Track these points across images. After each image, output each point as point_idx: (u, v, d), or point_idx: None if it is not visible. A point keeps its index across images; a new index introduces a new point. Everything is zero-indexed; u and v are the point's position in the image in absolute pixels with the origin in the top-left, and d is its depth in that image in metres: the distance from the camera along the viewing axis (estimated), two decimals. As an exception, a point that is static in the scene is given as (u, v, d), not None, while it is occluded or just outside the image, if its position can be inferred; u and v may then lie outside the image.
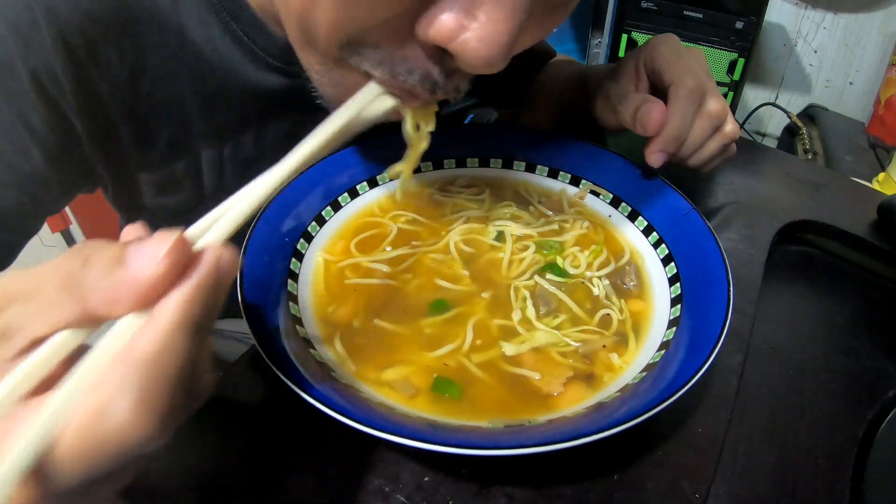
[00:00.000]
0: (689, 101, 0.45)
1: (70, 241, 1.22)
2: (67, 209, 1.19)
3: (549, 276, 0.44)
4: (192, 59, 0.42)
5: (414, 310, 0.41)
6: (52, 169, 0.41)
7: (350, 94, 0.35)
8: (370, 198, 0.50)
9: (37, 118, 0.38)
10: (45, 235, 1.17)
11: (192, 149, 0.47)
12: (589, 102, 0.55)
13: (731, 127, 0.48)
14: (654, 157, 0.46)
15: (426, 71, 0.32)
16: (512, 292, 0.42)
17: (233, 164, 0.47)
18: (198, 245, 0.23)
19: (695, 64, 0.46)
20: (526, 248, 0.46)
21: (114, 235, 0.25)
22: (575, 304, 0.42)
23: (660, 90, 0.48)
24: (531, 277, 0.44)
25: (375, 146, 0.50)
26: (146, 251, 0.20)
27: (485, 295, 0.42)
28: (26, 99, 0.38)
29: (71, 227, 1.22)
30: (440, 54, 0.31)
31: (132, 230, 0.23)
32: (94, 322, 0.21)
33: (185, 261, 0.21)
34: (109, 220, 0.72)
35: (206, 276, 0.21)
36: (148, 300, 0.20)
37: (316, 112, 0.48)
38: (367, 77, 0.33)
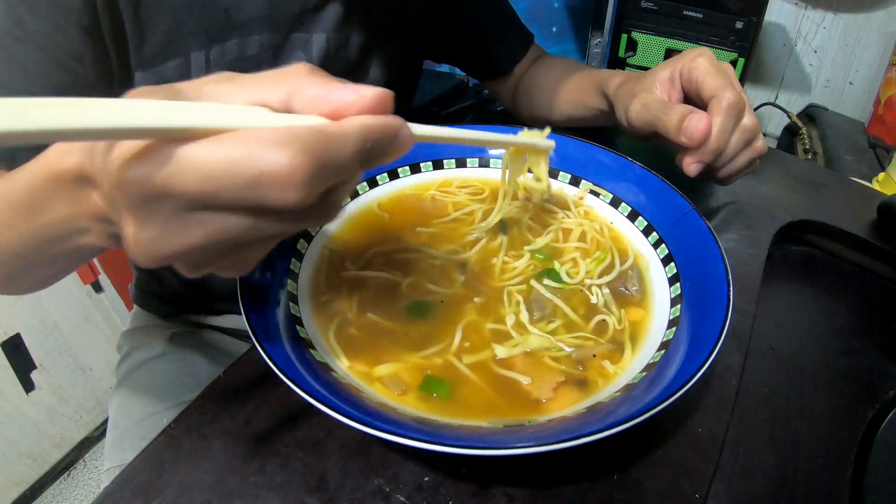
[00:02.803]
0: (729, 114, 0.46)
1: (98, 289, 1.26)
2: (97, 261, 1.23)
3: (546, 281, 0.44)
4: None
5: (404, 308, 0.41)
6: (88, 43, 0.43)
7: None
8: (370, 197, 0.50)
9: None
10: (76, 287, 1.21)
11: (183, 49, 0.48)
12: (611, 109, 0.56)
13: (761, 143, 0.49)
14: (694, 167, 0.48)
15: None
16: (505, 296, 0.42)
17: (219, 68, 0.48)
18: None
19: (732, 78, 0.48)
20: (521, 255, 0.46)
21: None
22: (570, 310, 0.42)
23: (693, 101, 0.49)
24: (524, 282, 0.44)
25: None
26: (361, 88, 0.24)
27: (477, 300, 0.42)
28: None
29: (100, 276, 1.25)
30: None
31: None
32: (286, 110, 0.24)
33: (382, 107, 0.24)
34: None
35: (392, 123, 0.24)
36: (338, 115, 0.23)
37: (296, 30, 0.52)
38: None
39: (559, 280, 0.44)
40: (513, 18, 0.73)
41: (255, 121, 0.22)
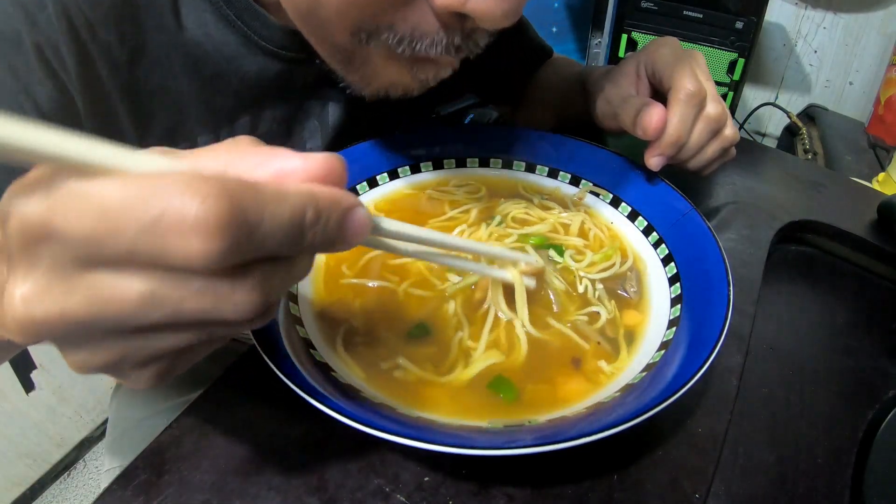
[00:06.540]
0: (688, 104, 0.45)
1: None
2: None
3: (550, 252, 0.44)
4: (187, 46, 0.42)
5: (405, 320, 0.41)
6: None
7: (376, 78, 0.37)
8: (369, 198, 0.50)
9: (42, 93, 0.38)
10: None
11: (189, 135, 0.47)
12: (588, 104, 0.55)
13: (730, 131, 0.48)
14: (654, 161, 0.47)
15: (447, 39, 0.33)
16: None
17: None
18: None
19: (695, 67, 0.46)
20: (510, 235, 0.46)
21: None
22: (565, 297, 0.42)
23: (660, 93, 0.48)
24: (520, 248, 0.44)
25: (375, 147, 0.50)
26: (308, 154, 0.21)
27: (476, 298, 0.42)
28: (32, 73, 0.37)
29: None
30: (458, 18, 0.32)
31: None
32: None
33: (333, 177, 0.21)
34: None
35: (345, 197, 0.21)
36: (282, 178, 0.20)
37: (311, 97, 0.49)
38: (389, 58, 0.35)
39: (561, 254, 0.44)
40: (531, 38, 0.71)
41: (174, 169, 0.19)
